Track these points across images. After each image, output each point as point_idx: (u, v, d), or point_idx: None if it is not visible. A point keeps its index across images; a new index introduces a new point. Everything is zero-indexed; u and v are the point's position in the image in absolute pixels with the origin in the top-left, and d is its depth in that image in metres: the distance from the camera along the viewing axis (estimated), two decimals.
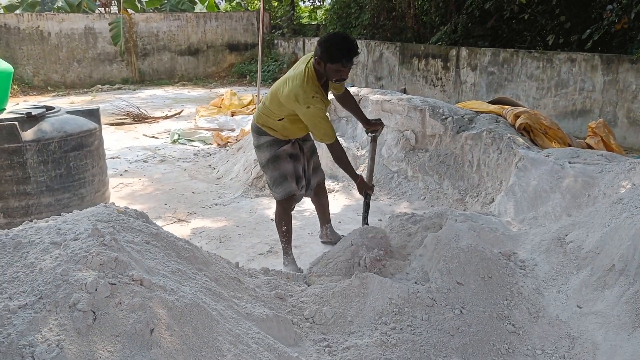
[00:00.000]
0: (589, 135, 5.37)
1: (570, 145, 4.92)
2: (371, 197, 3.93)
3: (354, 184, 3.85)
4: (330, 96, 3.90)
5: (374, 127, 3.98)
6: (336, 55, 3.28)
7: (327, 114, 3.75)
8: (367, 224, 3.85)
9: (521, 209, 3.99)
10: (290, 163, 3.72)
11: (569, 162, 3.93)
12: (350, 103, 4.03)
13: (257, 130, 3.76)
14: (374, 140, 3.97)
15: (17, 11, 16.53)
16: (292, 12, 18.04)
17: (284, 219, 3.80)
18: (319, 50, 3.32)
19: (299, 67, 3.50)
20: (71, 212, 2.47)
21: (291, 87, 3.42)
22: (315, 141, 3.82)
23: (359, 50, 3.40)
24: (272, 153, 3.68)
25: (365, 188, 3.80)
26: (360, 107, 6.09)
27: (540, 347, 2.51)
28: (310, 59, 3.45)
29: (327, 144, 3.58)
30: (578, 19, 8.66)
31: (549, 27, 9.03)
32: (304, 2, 19.86)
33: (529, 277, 2.87)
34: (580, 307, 2.62)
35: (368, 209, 3.90)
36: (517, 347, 2.49)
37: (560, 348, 2.49)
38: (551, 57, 8.22)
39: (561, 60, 8.06)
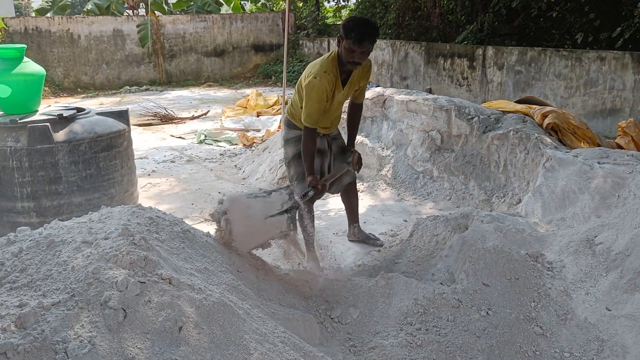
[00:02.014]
0: (619, 135, 5.27)
1: (599, 145, 4.83)
2: (318, 195, 3.57)
3: (378, 185, 3.83)
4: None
5: (349, 154, 3.80)
6: (349, 31, 3.25)
7: (340, 108, 3.71)
8: (295, 204, 3.23)
9: (549, 209, 3.93)
10: (317, 159, 3.71)
11: (598, 163, 3.86)
12: (356, 119, 3.91)
13: (288, 123, 3.78)
14: (347, 164, 3.78)
15: (48, 14, 16.90)
16: (317, 12, 18.08)
17: (305, 217, 3.82)
18: (340, 28, 3.35)
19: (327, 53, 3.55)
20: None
21: (312, 64, 3.50)
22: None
23: (372, 37, 3.29)
24: (299, 149, 3.66)
25: (315, 183, 3.46)
26: (386, 107, 6.11)
27: (568, 350, 2.48)
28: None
29: (304, 126, 3.47)
30: (608, 16, 8.49)
31: (577, 25, 8.88)
32: (329, 2, 19.87)
33: (556, 279, 2.84)
34: (610, 310, 2.58)
35: (306, 198, 3.42)
36: (544, 349, 2.47)
37: (589, 351, 2.46)
38: (580, 56, 8.08)
39: (590, 59, 7.92)
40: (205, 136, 8.53)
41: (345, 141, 3.94)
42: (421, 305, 2.61)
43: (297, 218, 3.27)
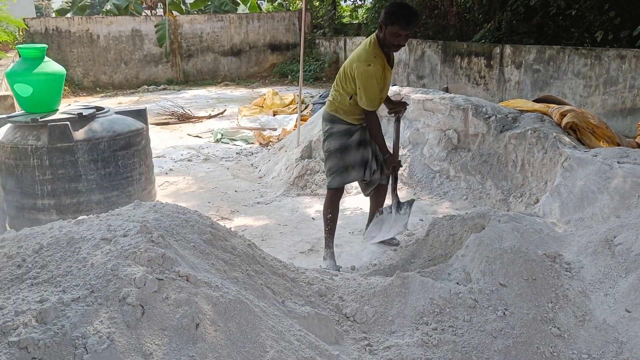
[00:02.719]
0: (639, 134, 5.20)
1: (619, 145, 4.77)
2: (398, 174, 4.09)
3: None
4: None
5: (396, 107, 4.00)
6: (395, 16, 3.45)
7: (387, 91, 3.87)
8: (397, 196, 4.00)
9: (567, 209, 3.89)
10: (358, 153, 3.80)
11: (618, 162, 3.81)
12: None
13: (330, 118, 3.86)
14: (397, 120, 4.04)
15: (68, 15, 17.12)
16: (333, 11, 18.07)
17: (330, 206, 3.88)
18: (382, 15, 3.53)
19: (364, 41, 3.72)
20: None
21: (355, 53, 3.67)
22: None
23: (418, 18, 3.57)
24: (343, 143, 3.77)
25: (393, 163, 3.86)
26: None
27: (586, 352, 2.45)
28: (373, 34, 3.64)
29: (366, 112, 3.67)
30: (628, 14, 8.37)
31: (597, 23, 8.76)
32: (345, 2, 19.85)
33: (574, 279, 2.81)
34: (629, 312, 2.55)
35: (396, 182, 4.01)
36: (562, 351, 2.45)
37: (608, 353, 2.43)
38: (599, 54, 7.97)
39: (610, 57, 7.81)
40: (222, 135, 8.58)
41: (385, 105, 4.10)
42: (437, 305, 2.60)
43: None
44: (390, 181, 4.01)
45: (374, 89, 3.57)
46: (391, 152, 3.91)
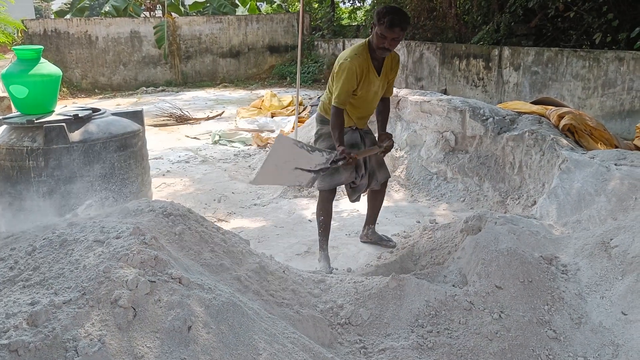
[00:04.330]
0: (637, 137, 5.20)
1: (616, 147, 4.76)
2: (342, 164, 3.54)
3: (392, 186, 3.83)
4: None
5: (384, 138, 3.84)
6: (381, 17, 3.37)
7: (377, 98, 3.76)
8: (325, 169, 3.55)
9: (564, 212, 3.89)
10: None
11: (615, 164, 3.81)
12: (385, 113, 3.96)
13: (320, 119, 3.85)
14: (377, 147, 3.81)
15: (67, 16, 17.12)
16: (332, 13, 18.08)
17: (322, 208, 3.86)
18: (374, 15, 3.47)
19: None
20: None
21: (343, 52, 3.63)
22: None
23: (405, 24, 3.42)
24: (332, 144, 3.69)
25: (346, 154, 3.47)
26: (399, 107, 6.08)
27: (582, 355, 2.44)
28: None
29: (332, 106, 3.54)
30: (627, 16, 8.37)
31: (595, 25, 8.76)
32: (344, 3, 19.87)
33: (571, 282, 2.80)
34: (626, 314, 2.54)
35: (332, 164, 3.54)
36: (558, 353, 2.44)
37: (604, 356, 2.42)
38: (598, 56, 7.97)
39: (608, 59, 7.81)
40: (220, 137, 8.57)
41: (376, 131, 3.99)
42: (433, 308, 2.59)
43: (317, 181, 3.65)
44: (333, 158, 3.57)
45: (342, 84, 3.47)
46: (351, 152, 3.62)
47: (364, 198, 4.20)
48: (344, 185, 3.94)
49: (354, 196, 3.97)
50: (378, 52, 3.49)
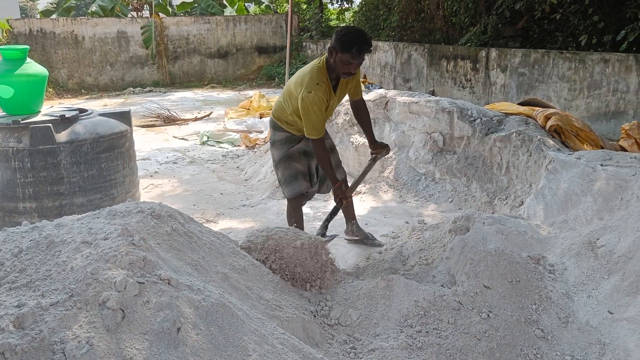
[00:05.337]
0: (622, 138, 5.25)
1: (602, 148, 4.81)
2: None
3: (380, 187, 3.82)
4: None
5: (378, 149, 3.89)
6: (347, 45, 3.27)
7: (333, 112, 3.73)
8: (326, 227, 3.74)
9: (551, 212, 3.92)
10: (303, 161, 3.74)
11: (601, 165, 3.84)
12: (363, 115, 3.93)
13: (273, 125, 3.81)
14: (373, 160, 3.89)
15: (53, 16, 16.96)
16: (320, 14, 18.09)
17: (293, 216, 3.84)
18: (333, 39, 3.34)
19: (314, 60, 3.57)
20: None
21: (300, 74, 3.50)
22: (332, 139, 3.84)
23: (371, 48, 3.36)
24: (285, 152, 3.71)
25: (341, 195, 3.66)
26: (388, 108, 6.10)
27: (569, 353, 2.46)
28: (325, 55, 3.49)
29: (312, 140, 3.52)
30: (612, 18, 8.47)
31: (581, 27, 8.86)
32: (332, 4, 19.89)
33: (558, 281, 2.82)
34: (612, 313, 2.57)
35: (333, 216, 3.76)
36: (545, 352, 2.46)
37: (591, 354, 2.45)
38: (584, 58, 8.05)
39: (594, 61, 7.90)
40: (208, 137, 8.54)
41: (367, 140, 3.97)
42: (422, 308, 2.60)
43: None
44: (331, 210, 3.79)
45: (314, 117, 3.40)
46: (346, 184, 3.78)
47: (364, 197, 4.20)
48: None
49: (304, 201, 3.95)
50: (342, 76, 3.43)
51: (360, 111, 3.92)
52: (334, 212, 3.76)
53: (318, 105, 3.39)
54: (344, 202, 3.70)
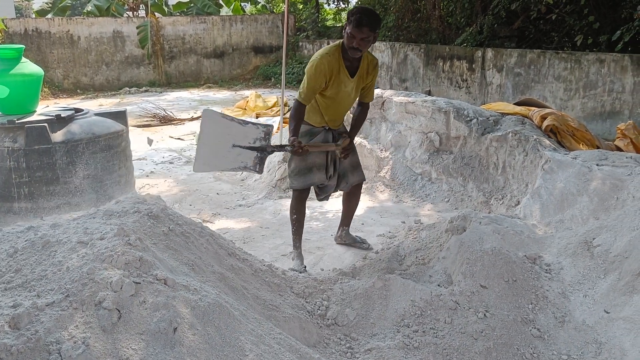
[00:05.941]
0: (618, 137, 5.27)
1: (598, 148, 4.82)
2: (291, 151, 3.44)
3: (377, 187, 3.82)
4: None
5: (344, 145, 3.76)
6: (350, 15, 3.37)
7: (349, 103, 3.74)
8: (267, 147, 3.40)
9: (547, 211, 3.93)
10: (321, 154, 3.72)
11: (597, 165, 3.86)
12: (360, 117, 3.92)
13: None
14: (335, 146, 3.72)
15: (49, 16, 16.90)
16: (316, 14, 18.08)
17: (295, 207, 3.84)
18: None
19: None
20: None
21: (318, 51, 3.59)
22: (353, 142, 3.85)
23: (371, 23, 3.33)
24: (307, 140, 3.66)
25: (296, 144, 3.40)
26: (384, 108, 6.10)
27: (565, 353, 2.47)
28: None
29: (295, 99, 3.56)
30: (607, 19, 8.50)
31: (577, 27, 8.88)
32: (329, 5, 19.88)
33: (554, 281, 2.83)
34: (608, 312, 2.57)
35: (278, 149, 3.61)
36: (542, 352, 2.46)
37: (587, 354, 2.45)
38: (579, 58, 8.08)
39: (590, 61, 7.92)
40: None
41: (347, 133, 3.92)
42: (418, 307, 2.60)
43: (264, 164, 3.46)
44: (283, 145, 3.61)
45: (308, 81, 3.46)
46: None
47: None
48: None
49: (321, 195, 3.98)
50: (350, 52, 3.42)
51: (360, 113, 3.93)
52: (281, 148, 3.56)
53: (316, 71, 3.44)
54: (295, 147, 3.41)
